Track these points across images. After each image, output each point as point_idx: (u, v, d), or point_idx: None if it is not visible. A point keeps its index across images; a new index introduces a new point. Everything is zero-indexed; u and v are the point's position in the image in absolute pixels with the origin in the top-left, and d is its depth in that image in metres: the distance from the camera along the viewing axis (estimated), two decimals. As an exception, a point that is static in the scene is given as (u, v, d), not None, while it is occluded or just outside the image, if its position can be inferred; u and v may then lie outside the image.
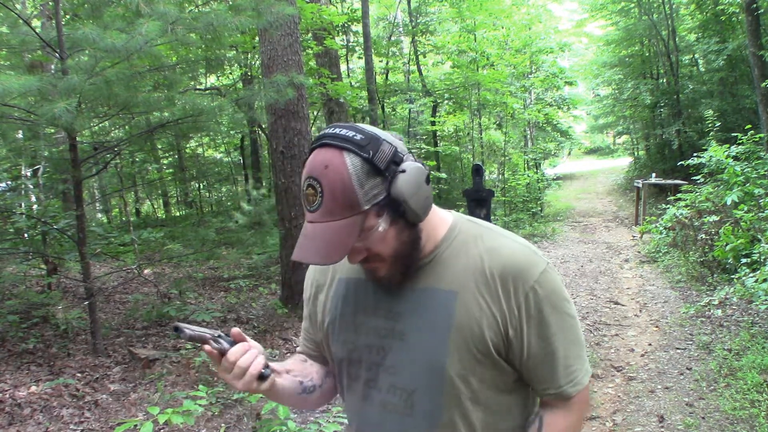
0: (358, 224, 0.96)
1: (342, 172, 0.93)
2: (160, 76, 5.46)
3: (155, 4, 4.16)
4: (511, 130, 14.63)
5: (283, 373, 1.18)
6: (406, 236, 1.02)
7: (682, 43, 15.61)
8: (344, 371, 1.17)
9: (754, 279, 5.06)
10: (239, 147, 14.24)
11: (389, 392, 1.09)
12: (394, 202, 0.97)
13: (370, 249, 1.01)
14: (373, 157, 0.95)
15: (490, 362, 1.05)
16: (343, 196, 0.94)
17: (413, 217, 1.00)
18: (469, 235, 1.09)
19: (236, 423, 3.69)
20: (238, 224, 7.58)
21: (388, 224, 0.99)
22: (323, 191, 0.94)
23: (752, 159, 7.81)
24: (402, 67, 14.65)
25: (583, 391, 1.10)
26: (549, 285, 1.05)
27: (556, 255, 9.21)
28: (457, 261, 1.07)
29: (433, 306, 1.06)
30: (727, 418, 3.51)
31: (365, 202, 0.95)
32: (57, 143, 6.42)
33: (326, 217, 0.95)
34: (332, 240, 0.95)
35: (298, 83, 5.64)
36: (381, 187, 0.96)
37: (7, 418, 3.56)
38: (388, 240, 1.00)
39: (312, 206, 0.96)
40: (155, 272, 7.60)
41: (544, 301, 1.04)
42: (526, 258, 1.06)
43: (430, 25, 14.51)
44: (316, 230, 0.96)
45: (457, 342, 1.03)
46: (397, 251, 1.02)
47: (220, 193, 15.60)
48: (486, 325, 1.03)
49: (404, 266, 1.05)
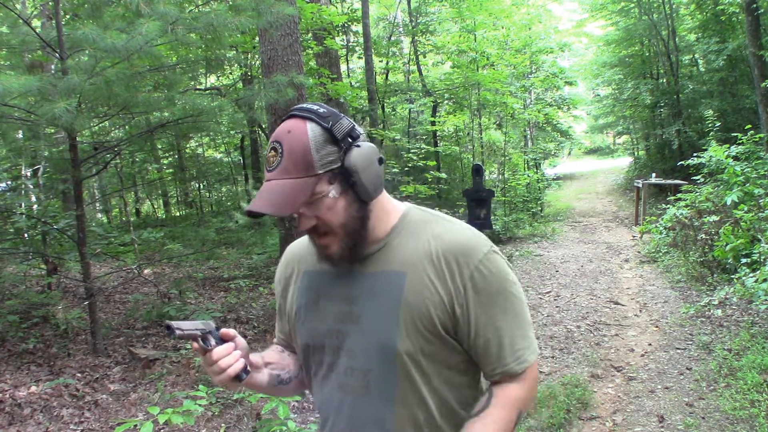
0: (310, 186, 1.04)
1: (302, 136, 1.04)
2: (160, 76, 5.46)
3: (155, 4, 4.16)
4: (511, 130, 14.62)
5: (262, 368, 1.24)
6: (355, 210, 1.09)
7: (682, 43, 15.60)
8: (310, 358, 1.22)
9: (754, 279, 5.06)
10: (239, 147, 14.23)
11: (347, 374, 1.14)
12: (347, 173, 1.05)
13: (319, 217, 1.07)
14: (332, 126, 1.05)
15: (439, 341, 1.10)
16: (301, 156, 1.03)
17: (363, 192, 1.07)
18: (419, 222, 1.16)
19: (236, 423, 3.69)
20: (238, 224, 7.58)
21: (339, 193, 1.06)
22: (283, 152, 1.04)
23: (752, 159, 7.81)
24: (402, 67, 14.65)
25: (531, 368, 1.14)
26: (494, 265, 1.10)
27: (556, 255, 9.21)
28: (407, 245, 1.13)
29: (385, 288, 1.11)
30: (727, 418, 3.51)
31: (320, 167, 1.04)
32: (57, 143, 6.42)
33: (283, 174, 1.04)
34: (285, 194, 1.03)
35: (298, 83, 5.64)
36: (336, 156, 1.05)
37: (7, 418, 3.56)
38: (338, 210, 1.07)
39: (271, 167, 1.05)
40: (155, 272, 7.60)
41: (489, 280, 1.09)
42: (470, 240, 1.12)
43: (430, 25, 14.50)
44: (273, 186, 1.04)
45: (406, 321, 1.08)
46: (346, 224, 1.08)
47: (220, 193, 15.60)
48: (432, 303, 1.08)
49: (353, 243, 1.10)
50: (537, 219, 13.28)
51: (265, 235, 8.14)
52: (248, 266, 8.51)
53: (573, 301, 6.54)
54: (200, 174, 13.90)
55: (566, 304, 6.41)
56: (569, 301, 6.55)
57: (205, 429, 3.62)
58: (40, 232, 6.26)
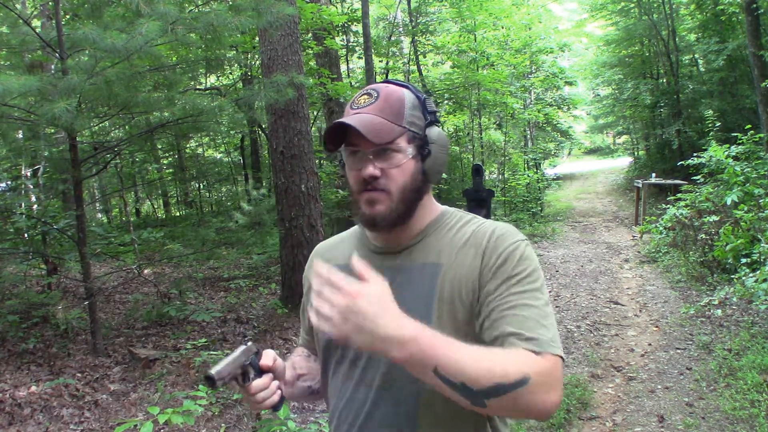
0: (396, 133, 1.08)
1: (399, 92, 1.12)
2: (160, 76, 5.46)
3: (155, 4, 4.16)
4: (511, 130, 14.63)
5: (295, 382, 1.27)
6: (419, 181, 1.12)
7: (682, 43, 15.59)
8: (332, 354, 1.20)
9: (754, 279, 5.05)
10: (239, 147, 14.23)
11: (370, 367, 1.12)
12: (425, 141, 1.12)
13: (385, 170, 1.09)
14: (424, 100, 1.15)
15: (473, 336, 1.05)
16: (396, 105, 1.10)
17: (431, 167, 1.12)
18: (458, 218, 1.18)
19: (236, 423, 3.69)
20: (238, 224, 7.58)
21: (411, 156, 1.10)
22: (379, 96, 1.10)
23: (752, 159, 7.80)
24: (402, 67, 14.63)
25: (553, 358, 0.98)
26: (526, 253, 1.08)
27: (556, 255, 9.21)
28: (444, 238, 1.14)
29: (420, 280, 1.10)
30: (727, 418, 3.51)
31: (408, 123, 1.10)
32: (57, 143, 6.41)
33: (377, 112, 1.08)
34: (380, 126, 1.07)
35: (298, 83, 5.64)
36: (421, 123, 1.13)
37: (7, 418, 3.56)
38: (405, 170, 1.10)
39: (362, 105, 1.10)
40: (155, 272, 7.60)
41: (520, 259, 1.06)
42: (506, 228, 1.13)
43: (430, 25, 14.48)
44: (365, 116, 1.08)
45: (439, 315, 1.06)
46: (406, 188, 1.10)
47: (220, 193, 15.61)
48: (465, 292, 1.07)
49: (403, 210, 1.11)
50: (537, 219, 13.28)
51: (265, 235, 8.14)
52: (248, 266, 8.51)
53: (573, 301, 6.54)
54: (200, 174, 13.90)
55: (566, 304, 6.41)
56: (569, 301, 6.55)
57: (205, 429, 3.62)
58: (40, 232, 6.26)
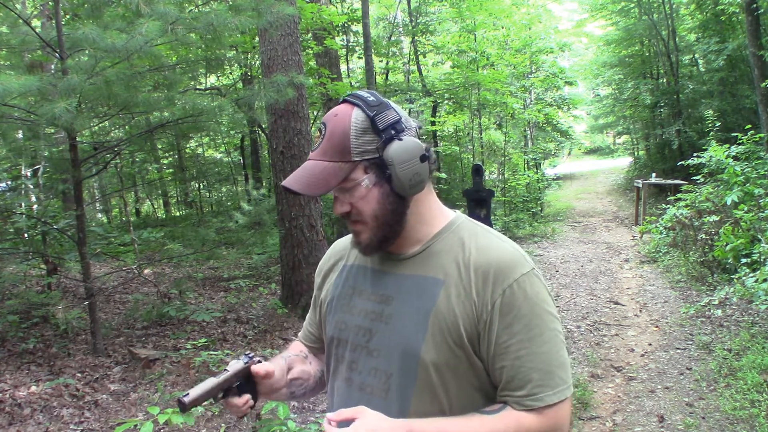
0: (344, 171, 1.04)
1: (345, 121, 1.05)
2: (160, 76, 5.46)
3: (155, 4, 4.16)
4: (511, 130, 14.61)
5: (282, 388, 1.23)
6: (390, 203, 1.07)
7: (682, 43, 15.59)
8: (332, 352, 1.21)
9: (754, 279, 5.06)
10: (239, 147, 14.23)
11: (370, 374, 1.11)
12: (382, 164, 1.05)
13: (353, 204, 1.08)
14: (375, 116, 1.05)
15: (465, 356, 1.05)
16: (339, 141, 1.04)
17: (398, 186, 1.05)
18: (465, 231, 1.12)
19: (236, 423, 3.69)
20: (238, 224, 7.58)
21: (373, 183, 1.06)
22: (325, 134, 1.06)
23: (752, 159, 7.80)
24: (402, 67, 14.63)
25: (553, 408, 1.02)
26: (530, 288, 1.04)
27: (556, 255, 9.21)
28: (449, 253, 1.10)
29: (420, 292, 1.08)
30: (727, 418, 3.51)
31: (356, 154, 1.04)
32: (57, 143, 6.41)
33: (320, 156, 1.06)
34: (318, 175, 1.05)
35: (298, 83, 5.64)
36: (374, 145, 1.05)
37: (7, 418, 3.56)
38: (370, 199, 1.07)
39: (314, 146, 1.08)
40: (155, 272, 7.60)
41: (520, 303, 1.03)
42: (511, 258, 1.07)
43: (430, 25, 14.47)
44: (309, 165, 1.07)
45: (434, 329, 1.05)
46: (378, 216, 1.07)
47: (220, 193, 15.60)
48: (462, 315, 1.04)
49: (383, 235, 1.09)
50: (537, 219, 13.28)
51: (265, 235, 8.14)
52: (248, 266, 8.51)
53: (573, 301, 6.54)
54: (200, 174, 13.90)
55: (566, 304, 6.41)
56: (569, 301, 6.55)
57: (205, 429, 3.62)
58: (40, 232, 6.26)
